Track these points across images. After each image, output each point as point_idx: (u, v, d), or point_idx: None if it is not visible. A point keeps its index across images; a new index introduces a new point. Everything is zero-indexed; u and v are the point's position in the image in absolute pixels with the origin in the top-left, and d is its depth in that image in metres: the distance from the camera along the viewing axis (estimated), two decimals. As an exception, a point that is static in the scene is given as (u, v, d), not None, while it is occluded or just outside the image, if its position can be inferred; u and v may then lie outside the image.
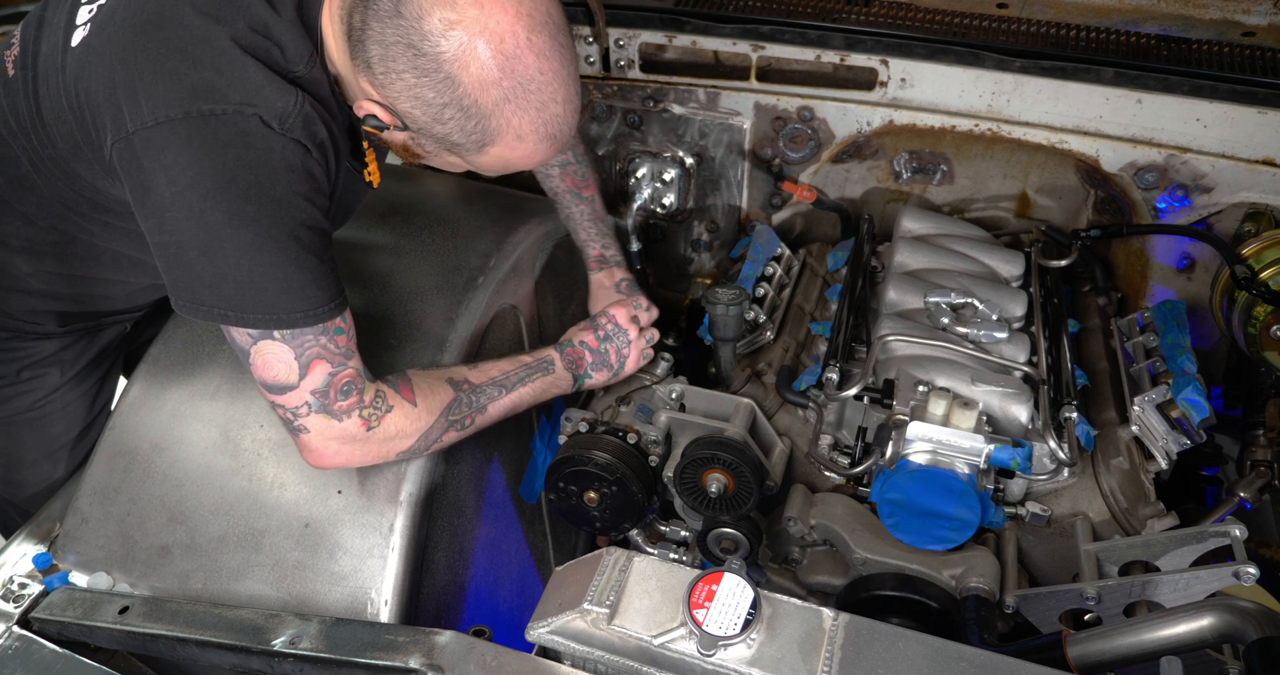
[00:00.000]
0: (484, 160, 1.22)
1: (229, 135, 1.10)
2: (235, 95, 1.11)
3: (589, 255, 1.79)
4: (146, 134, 1.10)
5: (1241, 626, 1.05)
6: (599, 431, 1.51)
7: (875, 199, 2.10)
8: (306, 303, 1.16)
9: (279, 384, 1.19)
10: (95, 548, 1.33)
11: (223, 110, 1.10)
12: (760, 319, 1.77)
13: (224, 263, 1.13)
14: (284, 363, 1.18)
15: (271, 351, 1.17)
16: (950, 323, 1.59)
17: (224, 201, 1.11)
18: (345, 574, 1.28)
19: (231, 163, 1.10)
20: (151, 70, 1.11)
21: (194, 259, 1.14)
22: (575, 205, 1.75)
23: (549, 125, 1.17)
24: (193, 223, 1.11)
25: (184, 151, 1.10)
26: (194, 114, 1.10)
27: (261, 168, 1.12)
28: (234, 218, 1.11)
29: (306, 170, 1.16)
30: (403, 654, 1.09)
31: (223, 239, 1.12)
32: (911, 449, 1.39)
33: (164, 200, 1.12)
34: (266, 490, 1.32)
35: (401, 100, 1.14)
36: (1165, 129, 1.78)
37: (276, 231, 1.13)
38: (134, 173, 1.13)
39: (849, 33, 1.91)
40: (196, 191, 1.10)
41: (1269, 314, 1.56)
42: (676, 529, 1.62)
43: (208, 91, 1.10)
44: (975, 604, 1.31)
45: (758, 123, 2.03)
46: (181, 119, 1.10)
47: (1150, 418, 1.48)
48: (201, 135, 1.10)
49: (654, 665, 1.01)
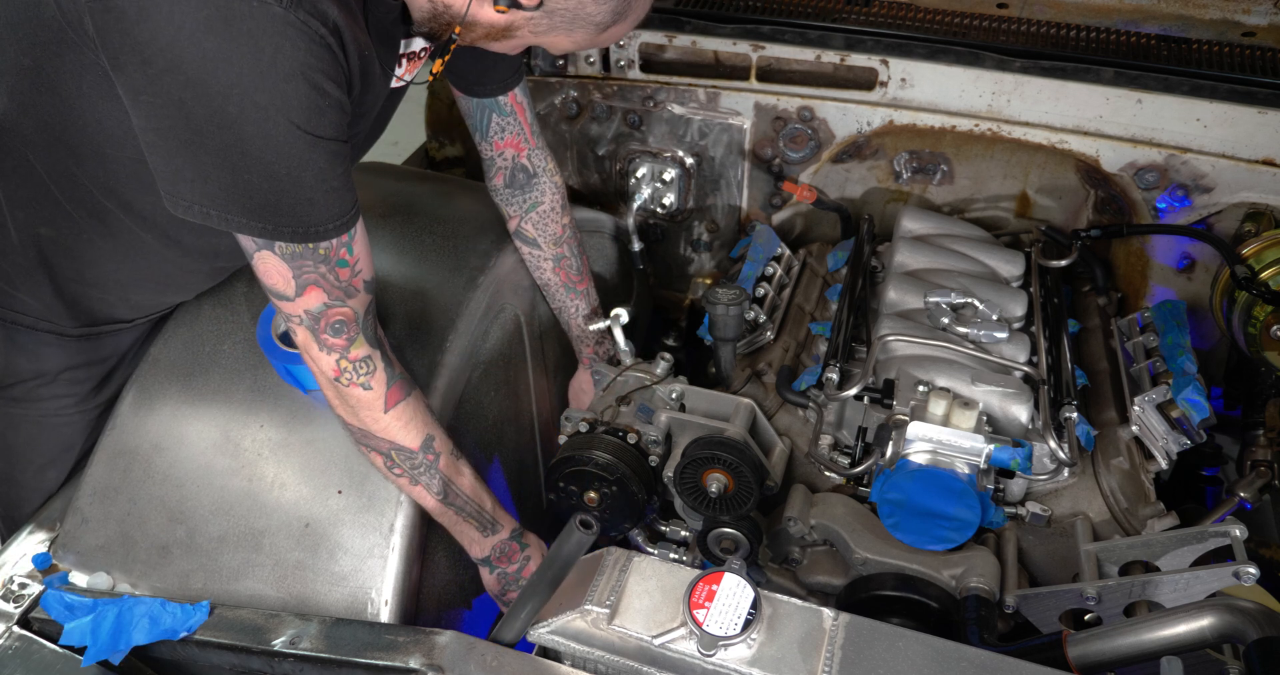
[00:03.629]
0: (599, 38, 1.20)
1: (213, 15, 0.96)
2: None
3: (583, 350, 1.79)
4: (123, 3, 0.97)
5: (1241, 626, 1.05)
6: (599, 431, 1.51)
7: (875, 199, 2.10)
8: (292, 219, 1.08)
9: (278, 292, 1.16)
10: (95, 548, 1.33)
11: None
12: (760, 319, 1.77)
13: (207, 161, 1.03)
14: (282, 277, 1.13)
15: (270, 263, 1.12)
16: (950, 323, 1.59)
17: (205, 95, 0.98)
18: (345, 574, 1.28)
19: (212, 51, 0.97)
20: None
21: (175, 150, 1.04)
22: (570, 299, 1.74)
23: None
24: (171, 112, 1.00)
25: (164, 28, 0.96)
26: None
27: (247, 60, 0.98)
28: (216, 115, 0.99)
29: (307, 67, 1.01)
30: (403, 654, 1.09)
31: (204, 138, 1.01)
32: (911, 449, 1.39)
33: (141, 81, 1.00)
34: (266, 490, 1.32)
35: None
36: (1165, 129, 1.78)
37: (264, 141, 1.02)
38: (112, 45, 1.01)
39: (849, 33, 1.92)
40: (175, 77, 0.98)
41: (1269, 314, 1.56)
42: (676, 529, 1.62)
43: None
44: (975, 604, 1.31)
45: (758, 123, 2.03)
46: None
47: (1150, 418, 1.48)
48: (184, 12, 0.96)
49: (654, 665, 1.01)
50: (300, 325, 1.19)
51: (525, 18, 1.16)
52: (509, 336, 1.63)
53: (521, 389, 1.71)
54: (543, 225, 1.64)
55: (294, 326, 1.20)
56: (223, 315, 1.46)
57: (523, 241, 1.66)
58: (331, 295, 1.17)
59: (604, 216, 2.02)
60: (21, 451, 1.48)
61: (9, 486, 1.51)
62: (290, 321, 1.19)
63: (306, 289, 1.15)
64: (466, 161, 2.35)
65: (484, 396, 1.55)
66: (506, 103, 1.53)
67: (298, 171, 1.06)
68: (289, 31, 0.98)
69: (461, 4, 1.15)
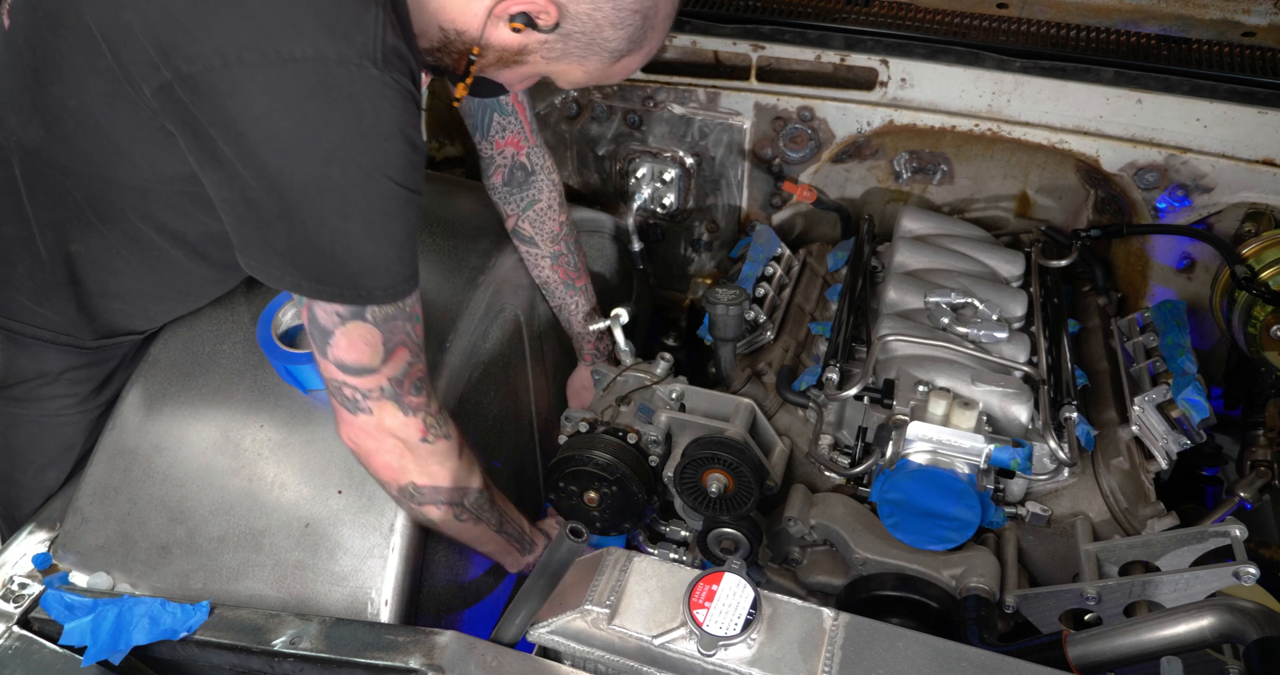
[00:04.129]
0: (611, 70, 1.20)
1: (311, 83, 0.97)
2: (315, 31, 0.97)
3: (583, 347, 1.80)
4: (212, 76, 0.97)
5: (1241, 626, 1.05)
6: (599, 431, 1.51)
7: (875, 199, 2.10)
8: (389, 277, 1.07)
9: (359, 366, 1.11)
10: (95, 548, 1.33)
11: (303, 53, 0.96)
12: (760, 319, 1.77)
13: (302, 229, 1.02)
14: (369, 345, 1.10)
15: (359, 333, 1.08)
16: (950, 323, 1.59)
17: (305, 161, 0.99)
18: (345, 574, 1.28)
19: (313, 117, 0.97)
20: (219, 2, 0.97)
21: (269, 221, 1.02)
22: (569, 296, 1.74)
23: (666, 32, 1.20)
24: (268, 181, 1.00)
25: (259, 98, 0.97)
26: (272, 57, 0.96)
27: (350, 123, 0.99)
28: (316, 180, 1.00)
29: (404, 124, 1.02)
30: (403, 654, 1.09)
31: (302, 203, 1.00)
32: (911, 449, 1.39)
33: (232, 151, 0.99)
34: (267, 490, 1.32)
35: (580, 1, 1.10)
36: (1165, 129, 1.78)
37: (366, 202, 1.02)
38: (194, 119, 1.00)
39: (849, 33, 1.92)
40: (273, 146, 0.98)
41: (1269, 314, 1.56)
42: (676, 529, 1.62)
43: (287, 28, 0.96)
44: (975, 604, 1.31)
45: (758, 123, 2.03)
46: (258, 63, 0.96)
47: (1150, 418, 1.48)
48: (280, 81, 0.96)
49: (654, 665, 1.01)
50: (378, 398, 1.14)
51: (539, 41, 1.16)
52: (509, 336, 1.63)
53: (521, 389, 1.71)
54: (540, 223, 1.64)
55: (368, 403, 1.14)
56: (223, 315, 1.46)
57: (520, 239, 1.67)
58: (414, 352, 1.14)
59: (604, 216, 2.02)
60: (23, 451, 1.48)
61: (10, 486, 1.51)
62: (365, 401, 1.14)
63: (395, 351, 1.12)
64: (466, 161, 2.35)
65: (484, 396, 1.55)
66: (508, 102, 1.53)
67: (395, 228, 1.06)
68: (386, 92, 0.99)
69: (476, 27, 1.13)
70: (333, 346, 1.10)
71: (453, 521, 1.30)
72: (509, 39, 1.15)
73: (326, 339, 1.10)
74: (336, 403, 1.17)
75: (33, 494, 1.49)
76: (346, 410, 1.16)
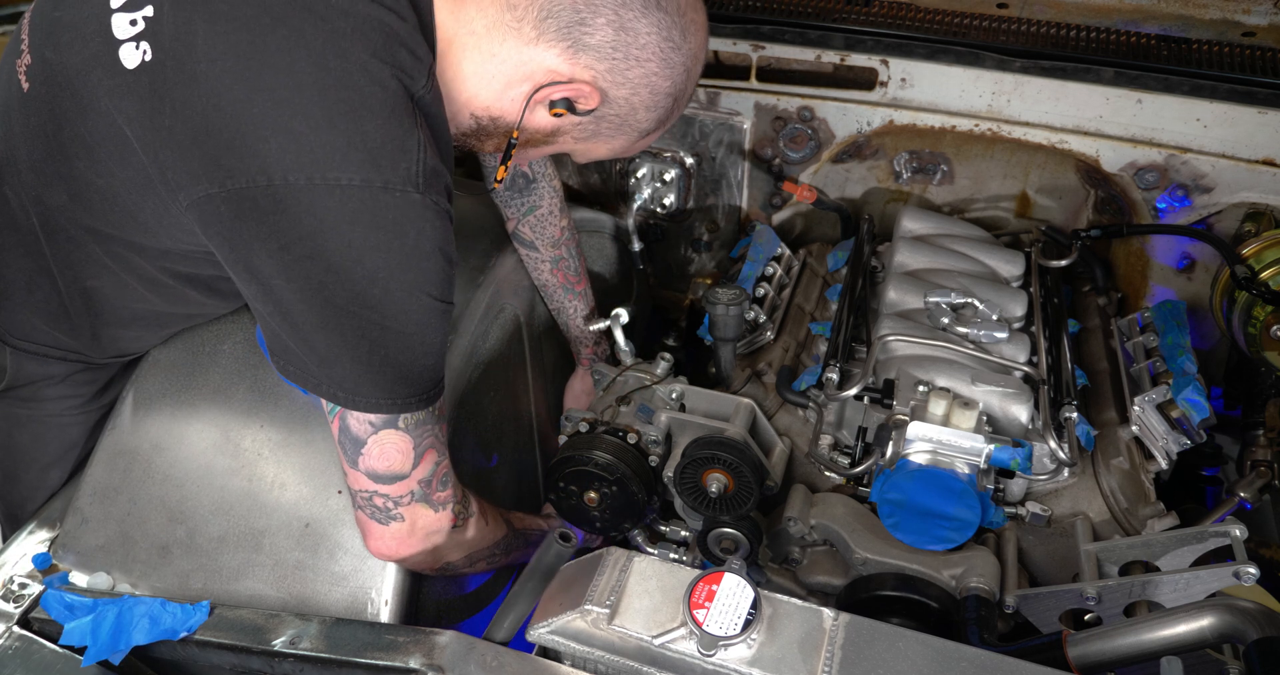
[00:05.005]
0: (634, 145, 1.25)
1: (358, 209, 0.98)
2: (361, 159, 0.98)
3: (580, 351, 1.80)
4: (255, 194, 0.98)
5: (1242, 626, 1.05)
6: (599, 431, 1.51)
7: (875, 199, 2.10)
8: (421, 386, 1.09)
9: (391, 473, 1.12)
10: (95, 548, 1.33)
11: (349, 180, 0.98)
12: (760, 319, 1.77)
13: (340, 342, 1.03)
14: (401, 452, 1.12)
15: (392, 441, 1.10)
16: (950, 323, 1.59)
17: (348, 281, 1.00)
18: (345, 574, 1.28)
19: (359, 241, 0.99)
20: (265, 122, 0.97)
21: (306, 334, 1.04)
22: (568, 300, 1.75)
23: None
24: (309, 295, 1.01)
25: (305, 220, 0.98)
26: (319, 183, 0.97)
27: (394, 247, 1.01)
28: (358, 299, 1.01)
29: (443, 242, 1.05)
30: (403, 654, 1.09)
31: (342, 319, 1.02)
32: (911, 449, 1.39)
33: (274, 265, 1.01)
34: (267, 490, 1.32)
35: (622, 85, 1.14)
36: (1165, 129, 1.78)
37: (404, 316, 1.04)
38: (233, 231, 1.01)
39: (849, 33, 1.92)
40: (317, 265, 0.99)
41: (1269, 314, 1.56)
42: (676, 529, 1.62)
43: (334, 154, 0.97)
44: (975, 604, 1.31)
45: (758, 123, 2.03)
46: (304, 187, 0.97)
47: (1150, 418, 1.48)
48: (326, 206, 0.98)
49: (654, 665, 1.01)
50: (409, 503, 1.15)
51: (574, 122, 1.19)
52: (508, 337, 1.63)
53: (520, 389, 1.71)
54: (540, 228, 1.65)
55: (399, 510, 1.15)
56: (223, 315, 1.46)
57: (520, 243, 1.67)
58: (440, 451, 1.17)
59: (604, 216, 2.02)
60: (26, 451, 1.48)
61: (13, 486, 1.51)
62: (396, 509, 1.15)
63: (424, 454, 1.14)
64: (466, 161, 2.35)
65: (483, 396, 1.55)
66: None
67: (431, 339, 1.09)
68: (427, 214, 1.03)
69: (514, 112, 1.16)
70: (364, 456, 1.12)
71: (488, 566, 1.39)
72: (545, 122, 1.19)
73: (358, 449, 1.12)
74: (364, 516, 1.18)
75: (36, 494, 1.50)
76: (377, 522, 1.17)
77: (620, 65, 1.14)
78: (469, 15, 1.12)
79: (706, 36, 1.22)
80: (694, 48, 1.19)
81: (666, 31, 1.14)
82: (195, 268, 1.22)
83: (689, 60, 1.19)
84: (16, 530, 1.40)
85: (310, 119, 0.97)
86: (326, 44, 0.99)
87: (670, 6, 1.14)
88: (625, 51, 1.13)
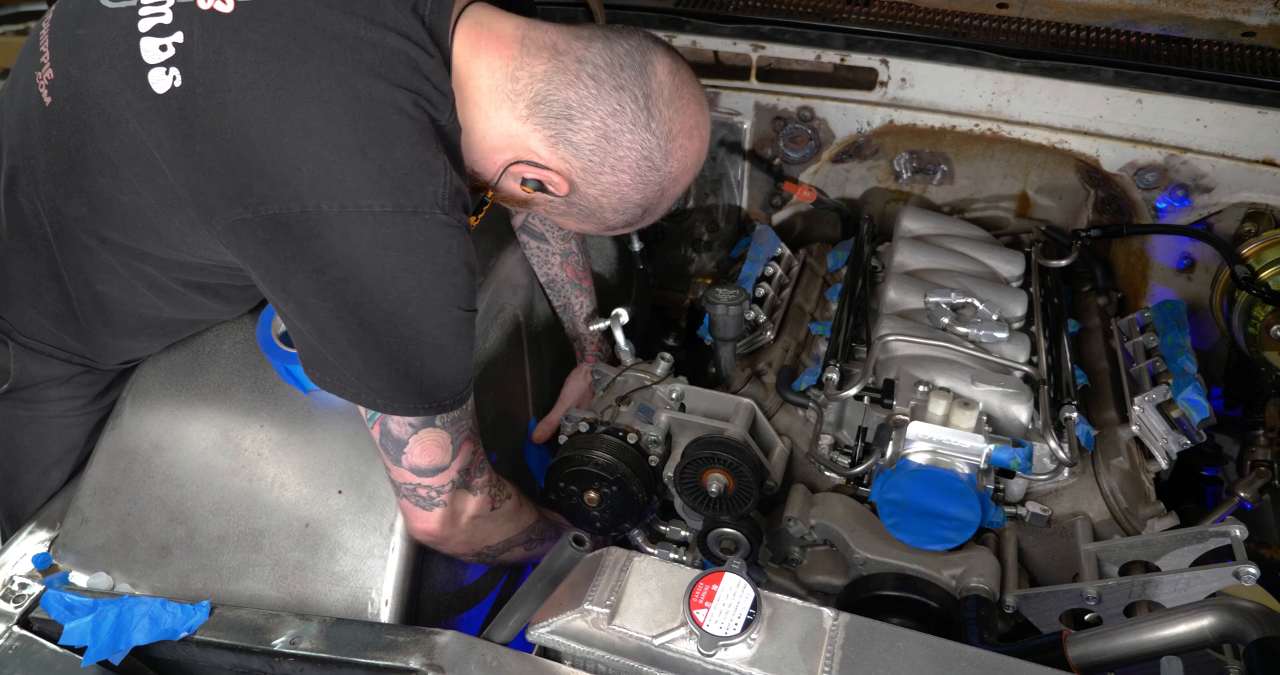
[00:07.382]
0: (603, 232, 1.31)
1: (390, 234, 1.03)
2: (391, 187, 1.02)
3: (585, 348, 1.81)
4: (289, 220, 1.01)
5: (1242, 626, 1.05)
6: (599, 431, 1.51)
7: (875, 199, 2.10)
8: (455, 388, 1.15)
9: (433, 467, 1.19)
10: (95, 548, 1.33)
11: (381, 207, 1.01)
12: (760, 319, 1.77)
13: (377, 355, 1.08)
14: (440, 447, 1.18)
15: (432, 438, 1.17)
16: (950, 323, 1.59)
17: (382, 300, 1.05)
18: (345, 574, 1.28)
19: (391, 264, 1.04)
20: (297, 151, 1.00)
21: (343, 349, 1.09)
22: (575, 296, 1.76)
23: (667, 209, 1.31)
24: (344, 314, 1.05)
25: (338, 244, 1.02)
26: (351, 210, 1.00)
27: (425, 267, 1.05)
28: (393, 316, 1.06)
29: (467, 256, 1.10)
30: (403, 654, 1.09)
31: (378, 335, 1.07)
32: (911, 449, 1.39)
33: (309, 286, 1.04)
34: (266, 490, 1.32)
35: (593, 186, 1.18)
36: (1165, 129, 1.78)
37: (438, 330, 1.09)
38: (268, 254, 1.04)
39: (849, 33, 1.92)
40: (351, 286, 1.04)
41: (1269, 314, 1.56)
42: (676, 529, 1.62)
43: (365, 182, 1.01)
44: (975, 604, 1.31)
45: (758, 123, 2.03)
46: (337, 214, 1.00)
47: (1150, 418, 1.48)
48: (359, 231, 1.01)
49: (654, 665, 1.01)
50: (450, 490, 1.22)
51: (545, 199, 1.23)
52: (508, 336, 1.63)
53: (520, 388, 1.71)
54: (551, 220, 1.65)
55: (442, 497, 1.22)
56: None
57: (530, 235, 1.67)
58: (474, 441, 1.23)
59: (604, 216, 2.02)
60: (28, 452, 1.49)
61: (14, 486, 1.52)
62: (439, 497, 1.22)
63: (461, 446, 1.21)
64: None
65: (483, 395, 1.55)
66: None
67: (462, 346, 1.14)
68: (453, 233, 1.07)
69: (492, 173, 1.21)
70: (407, 455, 1.18)
71: (524, 552, 1.43)
72: (518, 191, 1.22)
73: (401, 449, 1.18)
74: (408, 503, 1.24)
75: (36, 495, 1.50)
76: (421, 508, 1.23)
77: (595, 168, 1.17)
78: (479, 70, 1.15)
79: (696, 160, 1.24)
80: (674, 172, 1.21)
81: (648, 152, 1.17)
82: (207, 277, 1.25)
83: (665, 182, 1.21)
84: (17, 530, 1.40)
85: (342, 149, 1.00)
86: (355, 74, 1.02)
87: (660, 130, 1.16)
88: (603, 158, 1.16)
